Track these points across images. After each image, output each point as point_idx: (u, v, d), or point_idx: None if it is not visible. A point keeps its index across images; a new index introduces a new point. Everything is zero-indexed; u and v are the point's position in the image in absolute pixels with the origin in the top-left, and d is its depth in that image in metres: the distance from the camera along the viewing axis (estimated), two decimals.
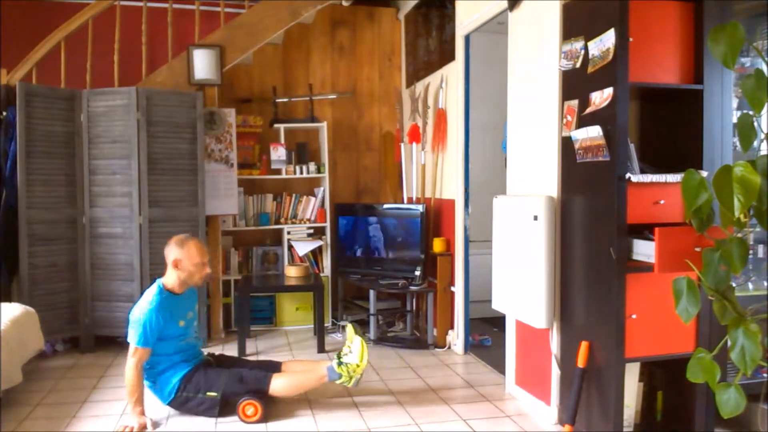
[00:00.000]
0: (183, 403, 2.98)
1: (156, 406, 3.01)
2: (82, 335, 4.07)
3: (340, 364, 2.98)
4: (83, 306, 4.04)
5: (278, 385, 2.98)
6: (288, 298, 4.75)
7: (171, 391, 2.97)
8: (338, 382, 2.99)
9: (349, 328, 3.14)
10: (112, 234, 4.02)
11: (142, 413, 2.88)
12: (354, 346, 3.01)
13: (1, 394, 2.89)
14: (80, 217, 4.04)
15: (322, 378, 3.00)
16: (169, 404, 3.01)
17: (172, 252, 2.99)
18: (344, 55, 5.29)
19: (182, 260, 2.97)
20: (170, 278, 3.02)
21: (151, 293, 2.97)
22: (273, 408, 3.04)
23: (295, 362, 3.28)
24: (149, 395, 3.00)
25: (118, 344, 4.19)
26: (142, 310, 2.91)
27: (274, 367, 3.17)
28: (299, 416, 3.00)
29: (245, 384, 2.97)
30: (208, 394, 2.95)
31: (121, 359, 3.91)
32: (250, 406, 2.91)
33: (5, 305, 3.35)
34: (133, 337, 2.90)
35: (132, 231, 3.97)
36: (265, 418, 2.92)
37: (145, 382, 2.98)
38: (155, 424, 2.89)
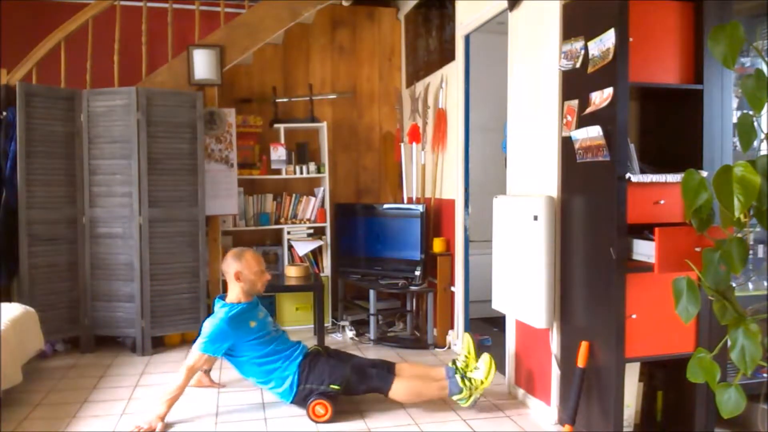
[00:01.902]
0: (307, 395, 2.95)
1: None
2: (82, 335, 4.07)
3: (463, 378, 2.94)
4: (83, 306, 4.04)
5: (399, 389, 2.95)
6: (288, 298, 4.75)
7: (292, 385, 2.98)
8: (456, 398, 2.96)
9: (468, 340, 3.07)
10: (112, 234, 4.02)
11: (162, 418, 2.84)
12: (482, 363, 2.95)
13: (1, 394, 2.89)
14: (80, 217, 4.04)
15: (444, 390, 2.97)
16: (293, 401, 3.00)
17: (231, 266, 3.08)
18: (344, 55, 5.29)
19: (242, 271, 3.06)
20: (233, 293, 3.10)
21: (219, 308, 3.05)
22: None
23: (408, 365, 3.18)
24: (276, 398, 3.05)
25: (118, 344, 4.19)
26: (214, 319, 2.99)
27: (389, 367, 3.11)
28: (298, 416, 2.99)
29: (367, 381, 2.97)
30: (332, 386, 2.94)
31: (121, 359, 3.92)
32: (321, 406, 2.90)
33: (5, 305, 3.35)
34: (199, 343, 2.95)
35: (132, 231, 3.97)
36: (333, 419, 2.91)
37: (263, 386, 3.06)
38: (166, 426, 2.87)
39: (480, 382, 2.94)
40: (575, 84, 2.65)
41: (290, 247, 4.77)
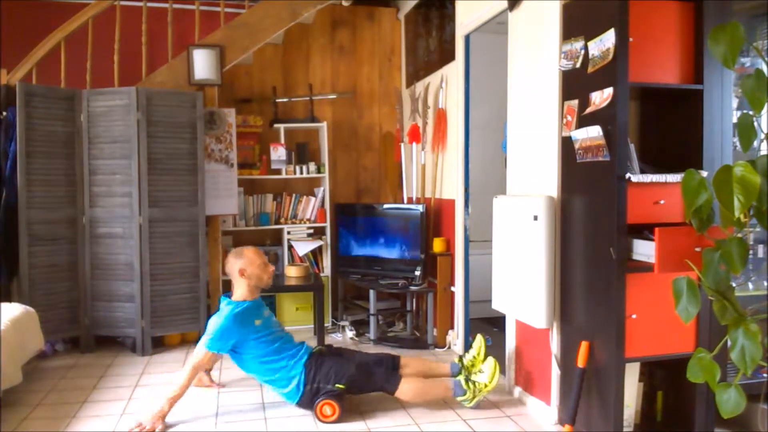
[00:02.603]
0: (314, 396, 2.94)
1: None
2: (82, 335, 4.07)
3: (467, 380, 2.96)
4: (83, 306, 4.04)
5: (406, 390, 2.96)
6: (288, 298, 4.75)
7: (298, 385, 2.97)
8: (460, 399, 2.99)
9: (480, 341, 3.08)
10: (112, 234, 4.02)
11: (163, 417, 2.85)
12: (486, 366, 2.97)
13: (1, 394, 2.89)
14: (80, 217, 4.04)
15: (448, 391, 3.00)
16: (299, 402, 2.99)
17: (234, 265, 3.12)
18: (344, 55, 5.28)
19: (246, 268, 3.10)
20: (239, 291, 3.13)
21: (225, 306, 3.06)
22: None
23: (414, 360, 3.21)
24: (276, 398, 3.05)
25: (118, 344, 4.19)
26: (219, 317, 3.00)
27: (395, 363, 3.12)
28: (298, 416, 3.00)
29: (373, 381, 2.98)
30: (338, 385, 2.94)
31: (121, 359, 3.92)
32: (328, 406, 2.90)
33: (5, 305, 3.35)
34: (204, 341, 2.95)
35: (132, 231, 3.97)
36: (340, 419, 2.90)
37: (267, 385, 3.06)
38: (165, 426, 2.86)
39: (484, 386, 2.96)
40: (575, 84, 2.65)
41: (290, 247, 4.77)
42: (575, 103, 2.62)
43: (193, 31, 4.44)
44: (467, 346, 4.08)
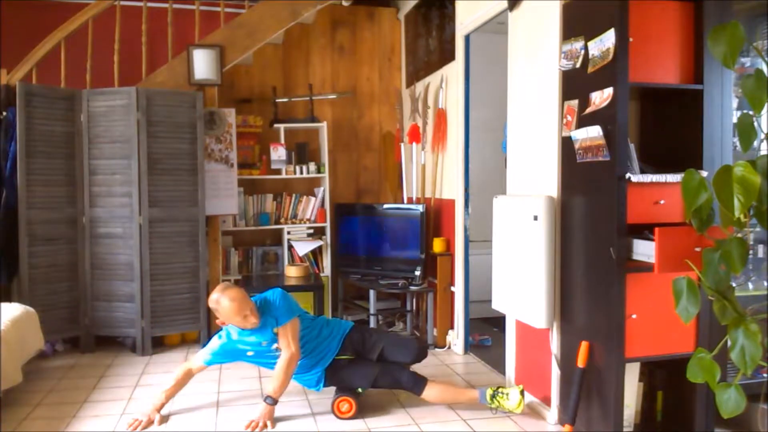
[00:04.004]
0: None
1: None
2: (82, 335, 4.07)
3: (493, 397, 2.93)
4: (83, 306, 4.04)
5: (431, 395, 2.99)
6: None
7: (318, 383, 3.06)
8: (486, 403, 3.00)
9: (520, 399, 2.93)
10: (112, 234, 4.02)
11: (159, 409, 2.92)
12: (515, 394, 2.91)
13: (1, 394, 2.89)
14: (80, 217, 4.04)
15: (474, 401, 3.00)
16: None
17: (214, 310, 2.94)
18: (344, 55, 5.28)
19: (225, 320, 2.94)
20: None
21: (217, 342, 3.02)
22: None
23: (439, 384, 3.13)
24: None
25: (118, 344, 4.20)
26: (215, 343, 3.01)
27: (421, 353, 3.13)
28: (299, 416, 3.00)
29: (399, 383, 3.01)
30: (359, 390, 3.00)
31: (121, 359, 3.92)
32: (345, 403, 2.94)
33: (5, 305, 3.35)
34: (205, 355, 3.01)
35: (132, 231, 3.97)
36: (358, 415, 2.95)
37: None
38: (163, 419, 2.91)
39: (507, 408, 2.93)
40: (575, 84, 2.65)
41: (290, 247, 4.77)
42: (575, 103, 2.62)
43: (193, 31, 4.44)
44: (467, 346, 4.09)
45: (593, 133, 2.44)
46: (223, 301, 2.85)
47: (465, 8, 3.91)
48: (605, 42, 2.39)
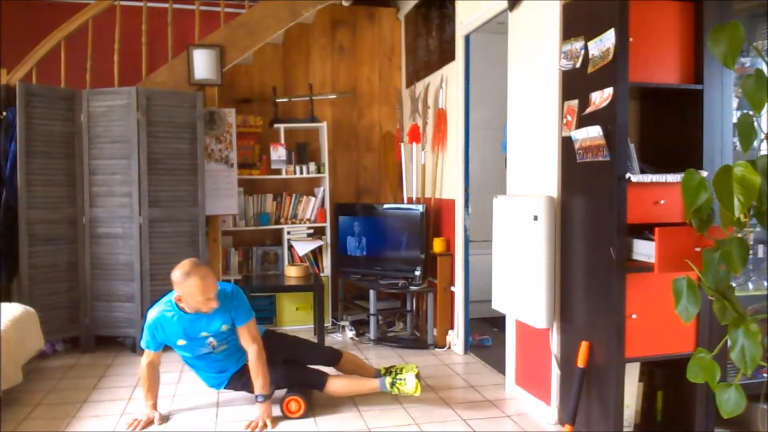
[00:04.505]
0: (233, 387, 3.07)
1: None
2: (82, 335, 4.07)
3: (393, 384, 2.97)
4: (83, 306, 4.04)
5: (333, 388, 3.01)
6: (288, 298, 4.75)
7: (220, 385, 3.07)
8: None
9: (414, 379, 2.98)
10: (112, 234, 4.02)
11: (154, 407, 2.93)
12: (409, 379, 2.94)
13: (1, 394, 2.89)
14: (80, 217, 4.04)
15: (375, 389, 3.03)
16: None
17: (175, 286, 2.77)
18: (344, 55, 5.28)
19: (183, 297, 2.77)
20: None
21: (162, 302, 2.90)
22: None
23: (352, 356, 3.31)
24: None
25: (118, 344, 4.19)
26: (150, 315, 2.88)
27: (335, 356, 3.19)
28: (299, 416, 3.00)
29: (301, 382, 3.02)
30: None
31: (121, 359, 3.92)
32: (294, 402, 2.95)
33: (5, 305, 3.35)
34: (142, 337, 2.95)
35: (132, 231, 3.97)
36: (306, 414, 2.95)
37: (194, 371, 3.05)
38: (163, 419, 2.91)
39: (406, 393, 2.96)
40: (575, 84, 2.65)
41: (290, 247, 4.77)
42: (575, 103, 2.62)
43: (193, 31, 4.44)
44: (467, 346, 4.09)
45: (593, 133, 2.44)
46: (193, 277, 2.69)
47: (465, 8, 3.91)
48: (605, 42, 2.39)
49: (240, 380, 3.02)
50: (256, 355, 2.88)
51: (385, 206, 4.71)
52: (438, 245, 4.24)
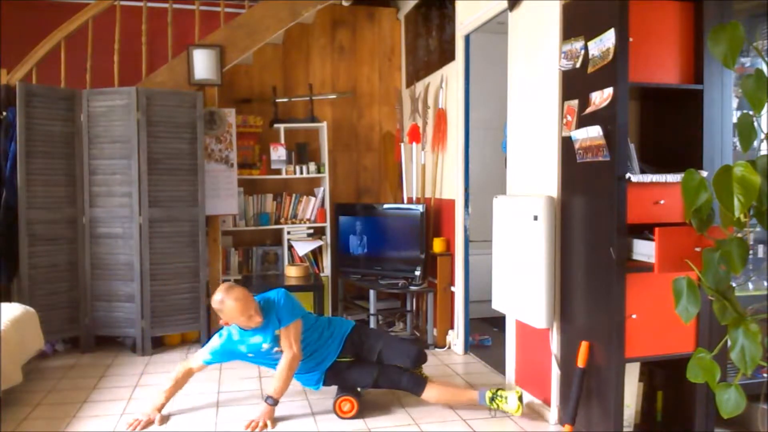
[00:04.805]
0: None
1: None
2: (82, 335, 4.07)
3: (492, 399, 2.92)
4: (83, 306, 4.04)
5: (431, 396, 3.00)
6: None
7: (318, 384, 3.08)
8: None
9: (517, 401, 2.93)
10: (112, 234, 4.02)
11: (160, 408, 2.93)
12: (513, 398, 2.89)
13: (1, 394, 2.89)
14: (80, 217, 4.04)
15: (473, 402, 2.99)
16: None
17: (217, 313, 2.93)
18: (344, 55, 5.28)
19: (228, 321, 2.93)
20: None
21: (225, 330, 3.02)
22: None
23: (439, 383, 3.14)
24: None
25: (118, 344, 4.20)
26: (217, 341, 3.00)
27: (419, 357, 3.09)
28: (299, 416, 3.00)
29: (398, 385, 3.02)
30: (359, 390, 3.03)
31: (121, 359, 3.92)
32: (347, 402, 2.95)
33: (5, 305, 3.35)
34: (204, 354, 3.01)
35: (132, 231, 3.97)
36: (360, 414, 2.96)
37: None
38: (163, 419, 2.92)
39: (505, 411, 2.93)
40: (575, 84, 2.65)
41: (290, 247, 4.77)
42: (575, 103, 2.62)
43: (193, 31, 4.44)
44: (467, 346, 4.09)
45: (593, 133, 2.44)
46: (227, 301, 2.83)
47: (465, 8, 3.91)
48: (605, 42, 2.39)
49: (335, 377, 3.05)
50: (287, 362, 2.89)
51: (385, 206, 4.71)
52: (438, 245, 4.24)
